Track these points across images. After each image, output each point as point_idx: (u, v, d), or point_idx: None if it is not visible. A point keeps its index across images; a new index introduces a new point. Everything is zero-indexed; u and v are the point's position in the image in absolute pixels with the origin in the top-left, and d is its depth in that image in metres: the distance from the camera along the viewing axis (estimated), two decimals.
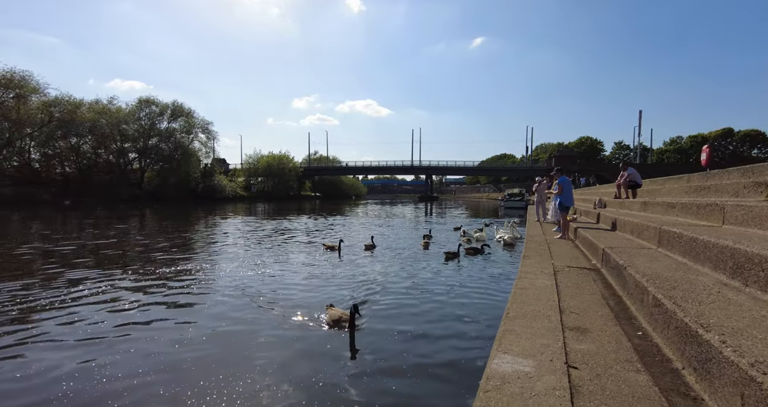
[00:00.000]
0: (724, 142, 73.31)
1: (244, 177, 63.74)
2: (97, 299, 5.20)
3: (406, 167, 74.04)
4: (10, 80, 37.02)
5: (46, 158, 43.55)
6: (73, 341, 3.61)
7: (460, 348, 3.78)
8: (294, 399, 2.71)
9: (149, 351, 3.46)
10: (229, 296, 5.33)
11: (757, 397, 1.43)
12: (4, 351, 3.40)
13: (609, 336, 2.58)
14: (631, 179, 10.58)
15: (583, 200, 15.52)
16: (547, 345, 2.41)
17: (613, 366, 2.14)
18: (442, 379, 3.15)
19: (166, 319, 4.43)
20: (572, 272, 4.78)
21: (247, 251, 9.43)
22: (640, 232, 5.62)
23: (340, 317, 4.22)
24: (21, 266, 7.40)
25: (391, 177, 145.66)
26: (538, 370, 2.07)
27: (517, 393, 1.83)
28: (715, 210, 4.58)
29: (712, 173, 7.03)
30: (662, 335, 2.47)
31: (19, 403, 2.47)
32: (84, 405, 2.50)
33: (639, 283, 3.09)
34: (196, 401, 2.61)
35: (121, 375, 2.89)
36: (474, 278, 6.77)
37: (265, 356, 3.43)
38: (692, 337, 2.01)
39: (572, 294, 3.68)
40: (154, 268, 7.27)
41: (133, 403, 2.53)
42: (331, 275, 6.95)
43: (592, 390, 1.87)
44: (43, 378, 2.89)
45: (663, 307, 2.47)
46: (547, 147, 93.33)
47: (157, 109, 49.35)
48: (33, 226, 15.50)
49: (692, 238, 3.65)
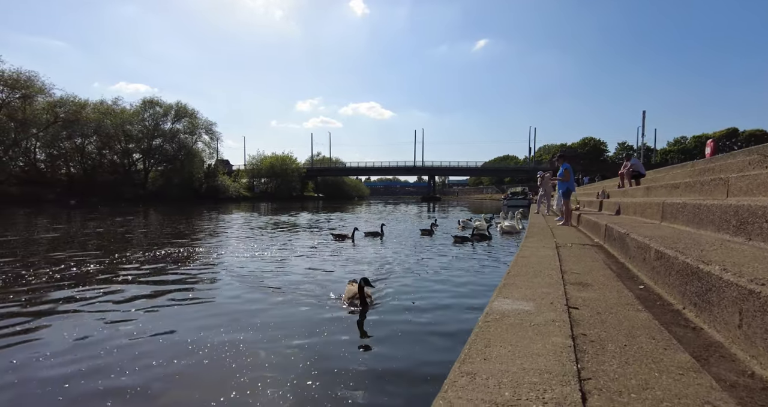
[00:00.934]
0: (728, 142, 72.81)
1: (248, 178, 63.94)
2: (103, 284, 5.22)
3: (409, 167, 74.01)
4: (17, 81, 37.34)
5: (51, 158, 43.86)
6: (81, 329, 3.44)
7: (467, 315, 3.77)
8: (307, 372, 2.63)
9: (160, 334, 3.25)
10: (240, 280, 5.13)
11: (755, 307, 1.42)
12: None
13: (610, 289, 2.57)
14: (634, 169, 10.55)
15: (587, 194, 15.45)
16: (548, 293, 2.40)
17: (613, 307, 2.13)
18: (451, 340, 3.13)
19: (177, 302, 4.27)
20: (574, 247, 4.77)
21: (254, 241, 9.43)
22: (643, 211, 5.60)
23: (354, 294, 3.95)
24: (30, 254, 7.46)
25: (394, 179, 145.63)
26: (538, 309, 2.06)
27: (516, 323, 1.83)
28: (719, 185, 4.55)
29: (716, 157, 7.00)
30: (664, 283, 2.46)
31: (17, 392, 2.31)
32: (92, 394, 2.29)
33: (641, 243, 3.08)
34: (218, 385, 2.42)
35: (126, 363, 2.67)
36: (481, 258, 6.79)
37: (282, 335, 3.22)
38: (693, 274, 2.00)
39: (574, 261, 3.66)
40: (161, 255, 7.30)
41: (143, 390, 2.32)
42: (345, 258, 7.01)
43: (592, 323, 1.87)
44: (45, 364, 2.68)
45: (665, 257, 2.46)
46: (550, 148, 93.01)
47: (161, 110, 49.63)
48: (38, 222, 15.62)
49: (696, 205, 3.64)
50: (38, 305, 4.08)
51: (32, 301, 4.20)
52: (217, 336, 3.17)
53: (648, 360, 1.44)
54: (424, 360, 2.76)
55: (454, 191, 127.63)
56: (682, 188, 5.63)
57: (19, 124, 37.98)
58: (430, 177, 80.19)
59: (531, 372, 1.33)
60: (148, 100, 49.47)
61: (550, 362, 1.41)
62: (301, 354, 2.85)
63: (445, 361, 2.44)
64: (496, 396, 1.17)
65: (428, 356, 2.85)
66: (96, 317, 3.66)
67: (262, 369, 2.61)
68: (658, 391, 1.21)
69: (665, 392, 1.20)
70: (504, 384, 1.25)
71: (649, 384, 1.26)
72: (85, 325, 3.45)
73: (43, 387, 2.35)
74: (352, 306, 3.93)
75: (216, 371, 2.59)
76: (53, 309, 3.90)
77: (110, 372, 2.56)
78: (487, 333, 1.70)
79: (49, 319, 3.61)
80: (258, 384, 2.39)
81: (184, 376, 2.52)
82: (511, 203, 35.23)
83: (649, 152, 69.34)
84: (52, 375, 2.51)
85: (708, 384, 1.26)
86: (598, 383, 1.27)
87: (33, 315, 3.71)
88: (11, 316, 3.68)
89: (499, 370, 1.35)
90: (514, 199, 36.13)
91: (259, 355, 2.82)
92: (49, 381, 2.42)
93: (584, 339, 1.65)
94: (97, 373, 2.53)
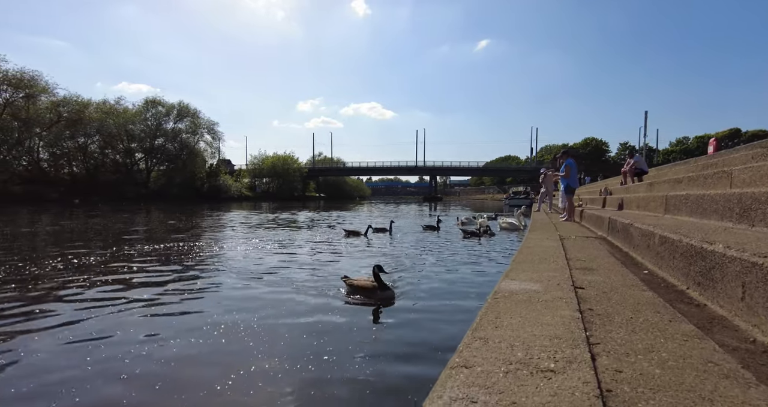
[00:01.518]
0: (731, 142, 72.64)
1: (249, 178, 64.08)
2: (106, 277, 5.27)
3: (410, 167, 74.09)
4: (20, 80, 37.54)
5: (54, 157, 44.07)
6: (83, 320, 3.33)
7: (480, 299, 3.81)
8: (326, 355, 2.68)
9: (167, 328, 3.11)
10: (249, 275, 5.07)
11: (758, 278, 1.47)
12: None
13: (615, 273, 2.62)
14: (637, 166, 10.58)
15: (589, 192, 15.49)
16: (554, 276, 2.45)
17: (618, 288, 2.18)
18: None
19: (182, 296, 4.16)
20: (578, 239, 4.82)
21: (263, 237, 9.47)
22: (646, 204, 5.64)
23: (366, 284, 3.78)
24: (37, 247, 7.54)
25: (395, 179, 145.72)
26: (546, 289, 2.12)
27: (525, 300, 1.89)
28: (722, 177, 4.58)
29: (719, 153, 7.04)
30: (668, 267, 2.52)
31: (16, 389, 2.16)
32: (99, 388, 2.18)
33: (645, 231, 3.13)
34: (233, 379, 2.29)
35: (134, 357, 2.55)
36: (490, 250, 6.85)
37: (293, 326, 3.15)
38: (697, 255, 2.05)
39: (578, 250, 3.72)
40: (164, 249, 7.36)
41: (153, 386, 2.19)
42: (360, 250, 7.22)
43: (599, 300, 1.92)
44: (46, 354, 2.59)
45: (669, 241, 2.51)
46: (552, 148, 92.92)
47: (164, 109, 49.83)
48: (47, 219, 15.72)
49: (699, 196, 3.69)
50: (52, 293, 4.14)
51: (42, 290, 4.26)
52: (237, 316, 3.26)
53: (653, 330, 1.49)
54: (445, 335, 2.86)
55: (455, 191, 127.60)
56: (685, 182, 5.67)
57: (22, 123, 38.17)
58: (432, 177, 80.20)
59: (541, 337, 1.39)
60: (151, 99, 49.69)
61: (560, 330, 1.46)
62: (328, 331, 2.97)
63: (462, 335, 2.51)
64: (509, 356, 1.22)
65: (447, 329, 2.97)
66: (95, 308, 3.71)
67: (286, 345, 2.69)
68: (663, 353, 1.26)
69: (670, 354, 1.26)
70: (516, 346, 1.30)
71: (655, 347, 1.31)
72: (86, 316, 3.51)
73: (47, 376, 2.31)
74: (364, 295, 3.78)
75: (237, 350, 2.66)
76: (69, 296, 3.96)
77: (109, 361, 2.49)
78: (496, 307, 1.76)
79: (62, 306, 3.67)
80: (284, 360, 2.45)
81: (208, 354, 2.58)
82: (513, 203, 35.24)
83: (651, 152, 69.21)
84: (56, 362, 2.51)
85: (711, 348, 1.31)
86: (606, 347, 1.33)
87: (36, 302, 3.77)
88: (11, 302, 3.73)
89: (511, 336, 1.40)
90: (515, 198, 36.16)
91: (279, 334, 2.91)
92: (50, 368, 2.41)
93: (591, 313, 1.71)
94: (97, 363, 2.47)
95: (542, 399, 0.96)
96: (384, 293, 3.69)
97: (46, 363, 2.46)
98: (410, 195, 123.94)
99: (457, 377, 1.07)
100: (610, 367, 1.16)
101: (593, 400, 0.95)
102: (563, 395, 0.98)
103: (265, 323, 3.17)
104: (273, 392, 2.09)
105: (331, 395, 2.07)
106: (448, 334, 2.86)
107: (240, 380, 2.23)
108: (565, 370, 1.12)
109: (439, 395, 0.97)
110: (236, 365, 2.41)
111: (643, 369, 1.14)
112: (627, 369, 1.15)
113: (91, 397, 2.06)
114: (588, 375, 1.09)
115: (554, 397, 0.97)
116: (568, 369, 1.13)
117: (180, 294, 4.12)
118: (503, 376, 1.08)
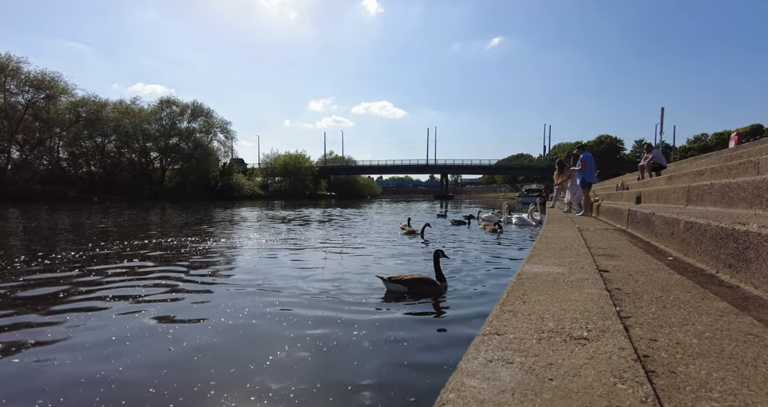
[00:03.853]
0: (752, 139, 70.55)
1: (262, 176, 64.69)
2: (119, 274, 5.37)
3: (422, 166, 73.85)
4: (41, 81, 38.58)
5: (73, 157, 45.18)
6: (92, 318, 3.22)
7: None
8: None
9: (207, 318, 3.05)
10: (283, 272, 4.84)
11: None
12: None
13: (638, 259, 2.57)
14: (655, 160, 10.35)
15: (604, 189, 15.22)
16: (577, 261, 2.42)
17: (644, 271, 2.14)
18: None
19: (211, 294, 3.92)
20: (597, 231, 4.74)
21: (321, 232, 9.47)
22: (666, 197, 5.51)
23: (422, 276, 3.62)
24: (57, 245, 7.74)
25: (406, 178, 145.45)
26: (570, 271, 2.09)
27: (550, 280, 1.86)
28: (748, 167, 4.46)
29: (743, 145, 6.84)
30: (695, 252, 2.45)
31: (19, 388, 2.04)
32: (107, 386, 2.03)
33: (669, 219, 3.07)
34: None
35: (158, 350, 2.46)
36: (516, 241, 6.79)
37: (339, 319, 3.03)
38: (728, 237, 2.00)
39: (598, 240, 3.66)
40: (186, 247, 7.48)
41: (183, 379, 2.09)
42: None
43: (625, 281, 1.89)
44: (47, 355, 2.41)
45: (696, 227, 2.45)
46: (565, 146, 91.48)
47: (178, 109, 50.62)
48: (80, 217, 16.13)
49: (725, 184, 3.58)
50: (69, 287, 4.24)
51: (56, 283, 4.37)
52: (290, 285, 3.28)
53: (686, 306, 1.46)
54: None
55: (466, 189, 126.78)
56: (708, 173, 5.53)
57: (43, 123, 39.23)
58: (443, 176, 79.80)
59: (571, 311, 1.37)
60: (165, 99, 50.51)
61: (589, 305, 1.44)
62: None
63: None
64: (540, 326, 1.21)
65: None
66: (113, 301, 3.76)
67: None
68: (699, 326, 1.23)
69: (706, 327, 1.23)
70: (546, 318, 1.29)
71: (689, 321, 1.28)
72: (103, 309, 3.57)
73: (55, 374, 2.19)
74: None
75: (275, 327, 2.68)
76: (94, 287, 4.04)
77: (121, 359, 2.34)
78: (522, 287, 1.74)
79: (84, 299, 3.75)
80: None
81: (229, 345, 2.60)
82: (525, 200, 34.78)
83: (668, 149, 67.59)
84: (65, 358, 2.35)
85: (749, 322, 1.27)
86: (638, 320, 1.30)
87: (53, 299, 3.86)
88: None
89: (540, 310, 1.39)
90: (528, 196, 35.66)
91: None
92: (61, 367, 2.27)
93: (619, 292, 1.68)
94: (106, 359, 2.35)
95: (579, 361, 0.95)
96: (442, 284, 3.63)
97: (43, 363, 2.30)
98: (421, 194, 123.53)
99: (491, 342, 1.06)
100: (645, 337, 1.14)
101: (631, 363, 0.93)
102: (600, 358, 0.96)
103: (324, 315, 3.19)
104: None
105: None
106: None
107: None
108: (599, 338, 1.10)
109: (474, 356, 0.96)
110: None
111: (680, 339, 1.12)
112: (662, 339, 1.12)
113: (88, 398, 1.93)
114: (623, 342, 1.07)
115: (591, 360, 0.95)
116: (602, 337, 1.11)
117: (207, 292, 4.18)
118: (536, 342, 1.07)
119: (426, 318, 3.01)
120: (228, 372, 2.12)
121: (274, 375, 2.06)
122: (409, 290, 3.48)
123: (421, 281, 3.53)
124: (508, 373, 0.87)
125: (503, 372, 0.88)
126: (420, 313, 3.09)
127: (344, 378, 2.01)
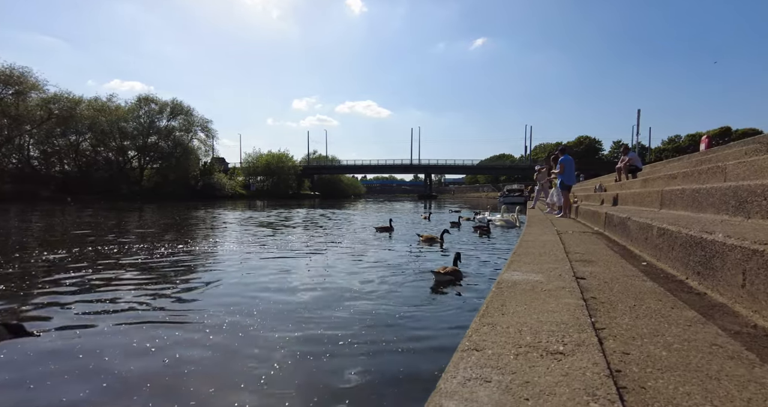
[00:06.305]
0: (722, 141, 73.49)
1: (244, 176, 63.71)
2: (104, 279, 5.22)
3: (406, 165, 74.20)
4: (10, 76, 36.90)
5: (45, 155, 43.48)
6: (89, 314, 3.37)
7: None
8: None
9: (204, 319, 3.10)
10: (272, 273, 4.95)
11: (759, 265, 1.50)
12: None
13: (614, 265, 2.65)
14: (631, 163, 10.66)
15: (584, 189, 15.60)
16: (555, 267, 2.48)
17: (619, 278, 2.21)
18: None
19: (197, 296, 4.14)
20: (575, 234, 4.86)
21: (313, 236, 9.42)
22: (641, 200, 5.70)
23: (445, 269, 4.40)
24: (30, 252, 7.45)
25: (390, 177, 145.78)
26: (548, 279, 2.14)
27: (528, 289, 1.90)
28: (716, 172, 4.65)
29: (712, 149, 7.13)
30: (667, 258, 2.55)
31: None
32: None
33: (643, 224, 3.17)
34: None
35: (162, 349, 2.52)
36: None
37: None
38: (696, 245, 2.08)
39: (576, 244, 3.75)
40: (161, 249, 7.31)
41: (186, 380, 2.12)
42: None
43: (601, 289, 1.94)
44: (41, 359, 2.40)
45: (668, 233, 2.54)
46: (546, 147, 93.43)
47: (157, 107, 49.32)
48: (34, 219, 15.51)
49: (695, 190, 3.73)
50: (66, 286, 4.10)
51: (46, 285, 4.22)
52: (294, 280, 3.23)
53: (657, 316, 1.51)
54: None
55: (450, 189, 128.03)
56: (680, 177, 5.74)
57: (12, 120, 37.57)
58: (427, 175, 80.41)
59: (548, 323, 1.40)
60: (143, 97, 49.15)
61: (565, 316, 1.48)
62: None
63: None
64: (518, 340, 1.24)
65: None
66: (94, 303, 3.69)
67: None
68: (668, 337, 1.29)
69: (675, 338, 1.28)
70: (524, 331, 1.32)
71: (660, 332, 1.34)
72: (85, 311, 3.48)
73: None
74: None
75: (289, 318, 2.64)
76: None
77: (112, 357, 2.44)
78: (501, 296, 1.77)
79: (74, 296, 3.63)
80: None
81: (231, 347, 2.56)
82: (508, 200, 35.34)
83: (644, 150, 69.83)
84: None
85: (714, 332, 1.33)
86: (612, 331, 1.35)
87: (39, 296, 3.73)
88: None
89: (518, 322, 1.42)
90: (510, 196, 36.25)
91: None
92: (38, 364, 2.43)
93: (595, 301, 1.73)
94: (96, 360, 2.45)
95: (554, 378, 0.97)
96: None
97: (35, 365, 2.34)
98: (405, 193, 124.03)
99: (469, 359, 1.08)
100: (618, 350, 1.18)
101: (604, 379, 0.97)
102: (574, 375, 0.99)
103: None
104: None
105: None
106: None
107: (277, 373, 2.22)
108: (574, 352, 1.14)
109: (453, 375, 0.98)
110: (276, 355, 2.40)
111: (650, 352, 1.16)
112: (634, 352, 1.17)
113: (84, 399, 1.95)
114: (597, 356, 1.11)
115: (566, 377, 0.98)
116: (577, 351, 1.15)
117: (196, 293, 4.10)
118: (514, 358, 1.10)
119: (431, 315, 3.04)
120: (209, 389, 2.09)
121: (255, 388, 2.04)
122: (454, 279, 4.41)
123: (458, 272, 4.51)
124: (486, 393, 0.89)
125: (481, 392, 0.90)
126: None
127: (327, 383, 2.01)
